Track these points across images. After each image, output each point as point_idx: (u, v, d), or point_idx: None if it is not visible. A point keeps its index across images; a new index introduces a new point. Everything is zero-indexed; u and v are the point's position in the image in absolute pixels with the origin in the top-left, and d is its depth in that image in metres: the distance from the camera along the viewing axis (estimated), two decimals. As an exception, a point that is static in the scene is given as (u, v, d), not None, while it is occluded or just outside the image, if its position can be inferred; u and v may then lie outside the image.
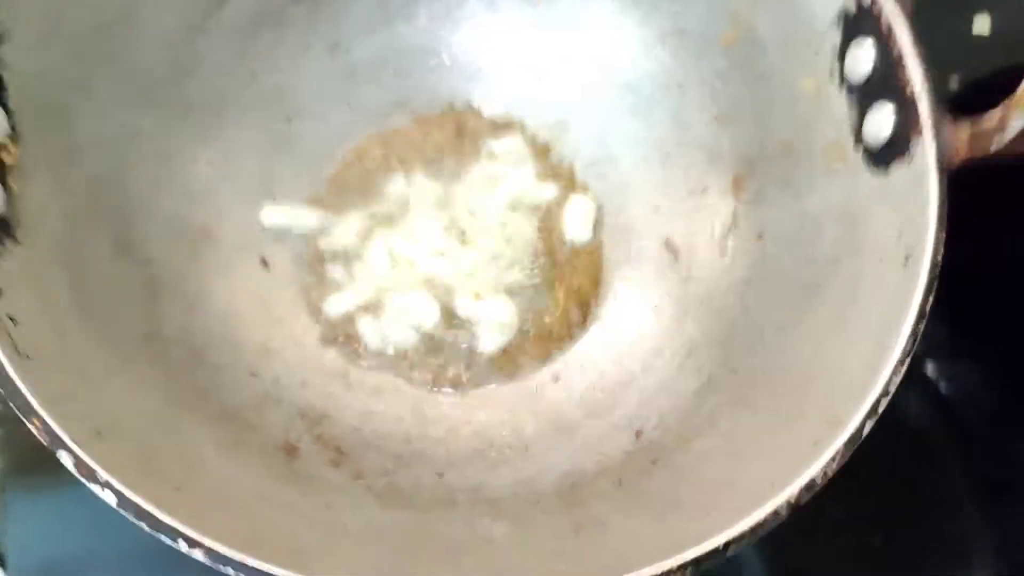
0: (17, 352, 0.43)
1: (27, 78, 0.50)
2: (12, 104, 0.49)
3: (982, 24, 0.78)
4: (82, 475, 0.41)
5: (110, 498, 0.41)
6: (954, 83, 0.73)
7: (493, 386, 0.62)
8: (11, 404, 0.41)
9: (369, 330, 0.62)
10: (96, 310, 0.51)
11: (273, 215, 0.63)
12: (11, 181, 0.48)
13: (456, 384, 0.62)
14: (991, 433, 0.69)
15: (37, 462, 0.62)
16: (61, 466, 0.42)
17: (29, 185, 0.50)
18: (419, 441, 0.59)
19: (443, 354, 0.62)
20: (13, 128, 0.49)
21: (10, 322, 0.44)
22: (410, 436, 0.59)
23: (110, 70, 0.56)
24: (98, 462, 0.41)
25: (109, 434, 0.44)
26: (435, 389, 0.61)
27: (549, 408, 0.61)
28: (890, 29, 0.53)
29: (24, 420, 0.41)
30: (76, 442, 0.41)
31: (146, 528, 0.40)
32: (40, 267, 0.49)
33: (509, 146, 0.67)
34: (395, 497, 0.54)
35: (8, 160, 0.48)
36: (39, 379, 0.43)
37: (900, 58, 0.52)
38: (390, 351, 0.62)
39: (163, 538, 0.40)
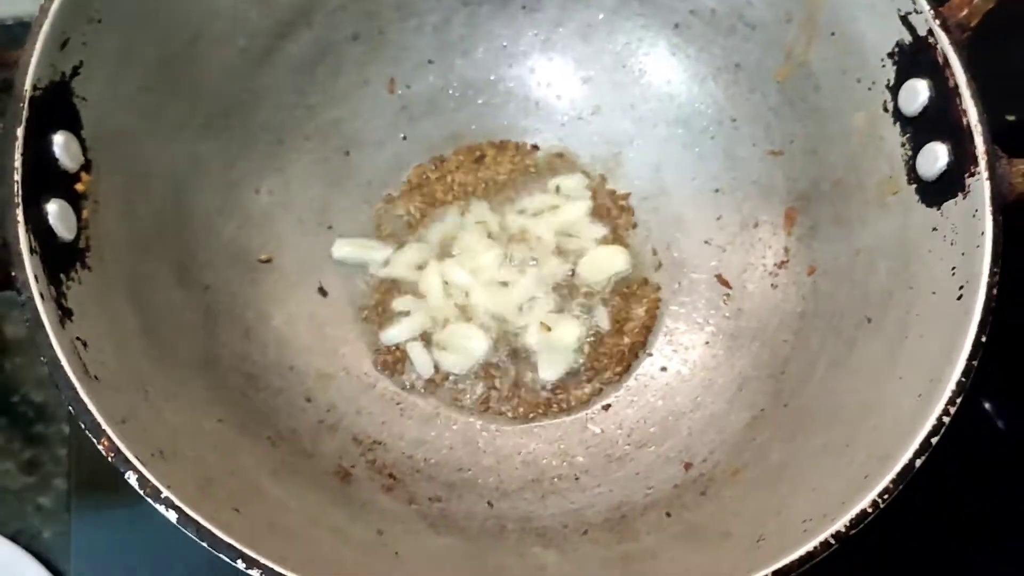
0: (87, 373, 0.44)
1: (100, 109, 0.52)
2: (86, 135, 0.51)
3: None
4: (146, 493, 0.42)
5: (171, 516, 0.41)
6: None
7: (545, 417, 0.62)
8: (80, 423, 0.43)
9: (422, 359, 0.62)
10: (158, 336, 0.53)
11: (344, 248, 0.65)
12: (84, 209, 0.50)
13: (507, 414, 0.62)
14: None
15: (101, 483, 0.63)
16: (124, 487, 0.43)
17: (99, 213, 0.51)
18: (470, 470, 0.59)
19: (495, 384, 0.63)
20: (87, 158, 0.51)
21: (81, 345, 0.45)
22: (462, 464, 0.59)
23: (177, 101, 0.58)
24: (160, 482, 0.42)
25: (170, 456, 0.45)
26: (486, 419, 0.62)
27: (599, 439, 0.61)
28: (946, 61, 0.53)
29: (93, 439, 0.42)
30: (141, 461, 0.42)
31: (206, 546, 0.41)
32: (108, 293, 0.50)
33: (572, 183, 0.69)
34: (447, 524, 0.55)
35: (81, 189, 0.50)
36: (106, 400, 0.44)
37: (955, 90, 0.53)
38: (443, 380, 0.63)
39: (223, 557, 0.41)
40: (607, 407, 0.63)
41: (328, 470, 0.56)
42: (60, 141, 0.49)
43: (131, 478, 0.42)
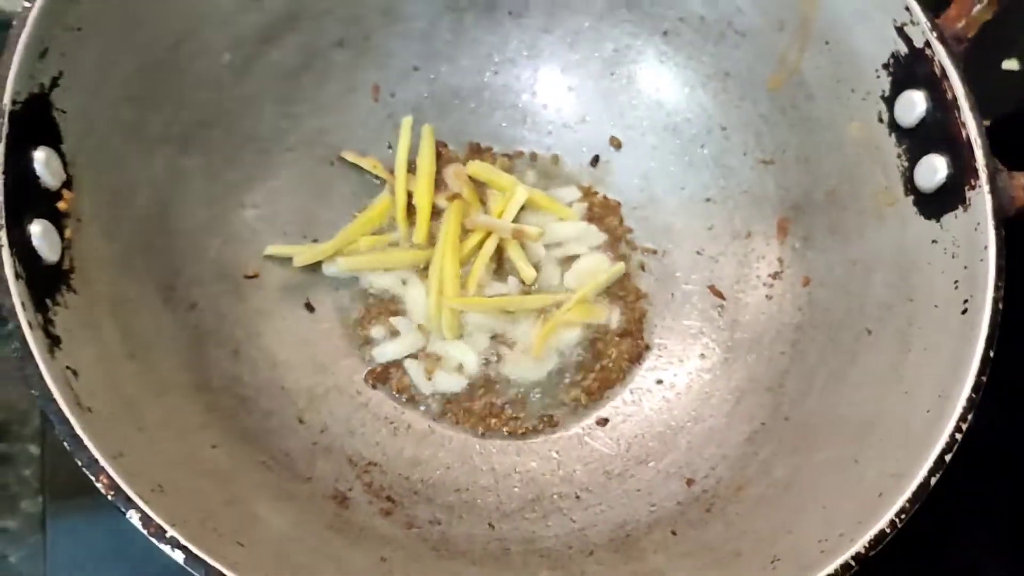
0: (79, 405, 0.42)
1: (81, 123, 0.50)
2: (66, 150, 0.49)
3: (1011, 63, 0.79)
4: (150, 533, 0.40)
5: (178, 556, 0.40)
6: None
7: (541, 433, 0.61)
8: (77, 460, 0.40)
9: (416, 375, 0.61)
10: (147, 360, 0.51)
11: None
12: (66, 229, 0.48)
13: (503, 430, 0.60)
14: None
15: (77, 493, 0.60)
16: (99, 497, 0.40)
17: (82, 232, 0.49)
18: (468, 490, 0.57)
19: (490, 400, 0.61)
20: (68, 175, 0.49)
21: (71, 374, 0.43)
22: (459, 484, 0.58)
23: (159, 112, 0.56)
24: (164, 518, 0.40)
25: (170, 490, 0.43)
26: (482, 435, 0.60)
27: (598, 455, 0.60)
28: (943, 73, 0.53)
29: (91, 477, 0.40)
30: (141, 498, 0.40)
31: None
32: (95, 316, 0.48)
33: (563, 193, 0.67)
34: (449, 548, 0.53)
35: (63, 207, 0.48)
36: (101, 433, 0.42)
37: (954, 103, 0.53)
38: (437, 397, 0.61)
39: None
40: (604, 421, 0.61)
41: (326, 494, 0.54)
42: (41, 157, 0.47)
43: (133, 517, 0.40)
